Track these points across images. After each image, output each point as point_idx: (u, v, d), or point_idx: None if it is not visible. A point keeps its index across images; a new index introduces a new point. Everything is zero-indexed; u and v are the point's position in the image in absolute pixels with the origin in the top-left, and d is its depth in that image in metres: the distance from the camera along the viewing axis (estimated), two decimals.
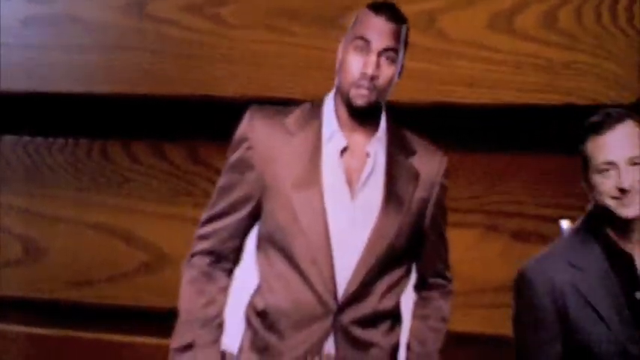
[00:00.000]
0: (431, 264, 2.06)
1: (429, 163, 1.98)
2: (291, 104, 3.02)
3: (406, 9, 2.96)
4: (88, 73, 3.26)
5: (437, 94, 2.95)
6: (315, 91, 2.92)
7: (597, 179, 1.89)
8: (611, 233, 1.93)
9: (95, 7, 3.27)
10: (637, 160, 1.86)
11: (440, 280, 2.08)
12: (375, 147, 1.92)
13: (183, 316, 1.98)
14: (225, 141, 3.23)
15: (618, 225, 1.91)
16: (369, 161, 1.91)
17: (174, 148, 3.29)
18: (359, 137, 1.92)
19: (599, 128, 1.89)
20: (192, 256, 2.00)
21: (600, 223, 1.95)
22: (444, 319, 2.07)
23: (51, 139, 3.38)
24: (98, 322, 3.32)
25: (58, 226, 3.36)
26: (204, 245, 1.99)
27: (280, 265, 1.92)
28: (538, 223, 2.98)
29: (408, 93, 2.92)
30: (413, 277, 2.06)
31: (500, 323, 2.99)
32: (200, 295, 1.96)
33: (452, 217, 2.99)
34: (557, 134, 2.95)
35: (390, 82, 1.89)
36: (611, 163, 1.86)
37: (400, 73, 1.94)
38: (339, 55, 1.93)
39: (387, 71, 1.87)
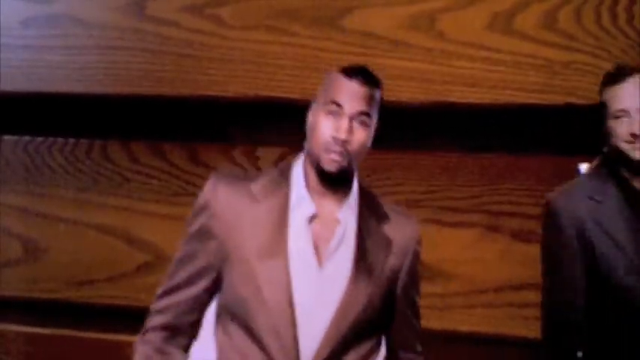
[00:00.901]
0: (401, 336, 1.97)
1: (402, 230, 1.91)
2: (291, 104, 3.06)
3: (406, 9, 3.01)
4: (87, 74, 3.26)
5: (437, 94, 2.96)
6: (314, 91, 2.93)
7: (612, 124, 2.16)
8: (625, 173, 2.18)
9: (95, 7, 3.27)
10: None
11: (410, 355, 1.99)
12: (346, 213, 1.86)
13: None
14: (225, 141, 3.26)
15: (631, 165, 2.17)
16: (339, 228, 1.84)
17: (174, 149, 3.29)
18: (329, 203, 1.85)
19: (614, 80, 2.19)
20: (146, 332, 1.92)
21: (615, 164, 2.19)
22: None
23: (51, 140, 3.38)
24: (98, 322, 3.32)
25: (58, 226, 3.36)
26: (159, 320, 1.90)
27: (240, 338, 1.83)
28: (538, 223, 2.97)
29: (408, 93, 2.94)
30: (383, 350, 1.97)
31: (500, 323, 3.01)
32: None
33: (452, 217, 3.03)
34: (557, 134, 2.96)
35: (362, 146, 1.82)
36: (624, 111, 2.14)
37: (372, 138, 1.86)
38: (310, 119, 1.86)
39: (360, 135, 1.80)
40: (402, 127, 2.94)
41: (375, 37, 2.99)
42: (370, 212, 1.90)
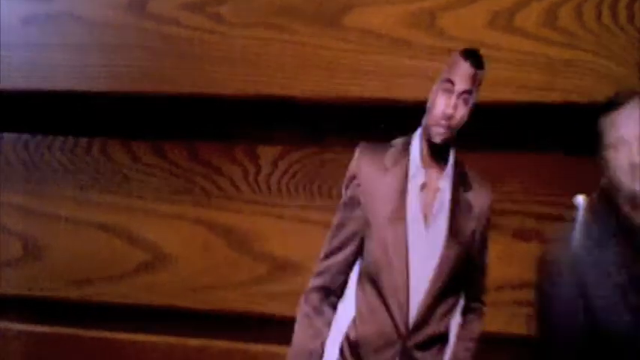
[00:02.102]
0: (474, 289, 2.22)
1: (480, 197, 2.15)
2: (291, 102, 3.05)
3: (407, 7, 3.01)
4: (88, 72, 3.26)
5: None
6: (315, 89, 2.93)
7: (610, 154, 1.94)
8: (626, 208, 1.94)
9: (96, 5, 3.26)
10: None
11: (478, 304, 2.24)
12: (444, 182, 2.09)
13: (294, 348, 2.16)
14: (225, 140, 3.26)
15: (630, 198, 1.92)
16: (439, 196, 2.08)
17: (174, 147, 3.29)
18: (433, 173, 2.09)
19: (610, 107, 1.97)
20: (308, 292, 2.17)
21: (614, 197, 1.96)
22: (473, 339, 2.22)
23: (51, 138, 3.38)
24: (98, 320, 3.32)
25: (58, 225, 3.36)
26: (318, 281, 2.16)
27: (371, 297, 2.09)
28: (539, 222, 2.98)
29: (408, 91, 2.93)
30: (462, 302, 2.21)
31: (501, 321, 3.00)
32: (309, 328, 2.15)
33: None
34: (558, 132, 2.96)
35: (462, 120, 2.06)
36: (622, 139, 1.91)
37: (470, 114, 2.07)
38: (431, 96, 2.07)
39: (462, 111, 2.04)
40: (402, 126, 2.94)
41: (375, 34, 2.99)
42: (460, 181, 2.12)
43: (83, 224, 3.34)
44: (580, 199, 2.19)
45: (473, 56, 2.06)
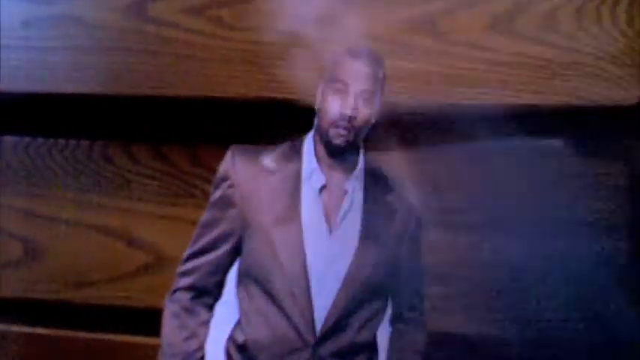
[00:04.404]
0: (406, 297, 2.16)
1: (405, 199, 2.09)
2: (292, 105, 3.06)
3: (407, 11, 3.01)
4: (88, 75, 3.26)
5: (437, 95, 2.96)
6: (316, 93, 2.93)
7: None
8: None
9: (96, 8, 3.27)
10: None
11: (414, 314, 2.18)
12: (353, 184, 2.02)
13: (165, 350, 2.05)
14: (226, 143, 3.24)
15: None
16: (347, 198, 2.00)
17: (174, 150, 3.30)
18: (337, 175, 2.02)
19: None
20: (174, 291, 2.09)
21: None
22: (418, 352, 2.16)
23: (51, 141, 3.38)
24: (98, 322, 3.32)
25: (58, 227, 3.36)
26: (185, 281, 2.08)
27: (260, 299, 2.00)
28: None
29: (408, 94, 2.94)
30: (389, 311, 2.13)
31: (499, 325, 3.01)
32: (181, 329, 2.04)
33: (452, 218, 3.03)
34: (558, 135, 2.96)
35: (367, 122, 1.98)
36: None
37: (377, 113, 2.01)
38: (319, 97, 2.01)
39: (364, 112, 1.95)
40: (402, 129, 2.95)
41: (376, 38, 2.99)
42: (376, 183, 2.06)
43: (84, 227, 3.35)
44: None
45: (364, 54, 1.99)
